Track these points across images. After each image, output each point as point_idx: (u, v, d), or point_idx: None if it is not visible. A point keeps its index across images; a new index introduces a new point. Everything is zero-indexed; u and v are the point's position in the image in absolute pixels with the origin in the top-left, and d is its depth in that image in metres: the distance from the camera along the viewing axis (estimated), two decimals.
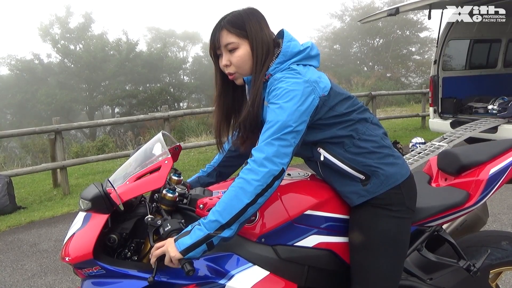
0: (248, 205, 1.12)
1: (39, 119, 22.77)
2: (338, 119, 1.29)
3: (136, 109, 24.81)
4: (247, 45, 1.29)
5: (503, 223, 3.52)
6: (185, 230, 1.16)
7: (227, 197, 1.14)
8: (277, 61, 1.29)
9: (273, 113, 1.18)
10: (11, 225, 4.43)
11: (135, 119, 7.22)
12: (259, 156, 1.14)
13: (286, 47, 1.29)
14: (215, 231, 1.12)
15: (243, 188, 1.12)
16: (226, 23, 1.29)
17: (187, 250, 1.12)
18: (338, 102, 1.29)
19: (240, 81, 1.35)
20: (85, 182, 6.28)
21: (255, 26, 1.29)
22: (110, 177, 1.34)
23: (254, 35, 1.28)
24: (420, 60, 28.57)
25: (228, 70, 1.32)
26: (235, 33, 1.28)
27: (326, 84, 1.27)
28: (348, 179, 1.32)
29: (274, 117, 1.17)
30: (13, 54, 26.72)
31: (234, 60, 1.30)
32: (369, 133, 1.33)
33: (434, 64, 6.58)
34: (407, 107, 14.12)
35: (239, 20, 1.28)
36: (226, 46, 1.29)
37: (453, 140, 5.47)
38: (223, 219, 1.12)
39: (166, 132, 1.50)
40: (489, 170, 1.53)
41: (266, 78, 1.29)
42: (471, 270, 1.49)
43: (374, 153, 1.31)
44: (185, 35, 33.57)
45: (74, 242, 1.27)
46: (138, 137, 13.28)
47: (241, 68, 1.30)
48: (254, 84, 1.29)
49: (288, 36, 1.33)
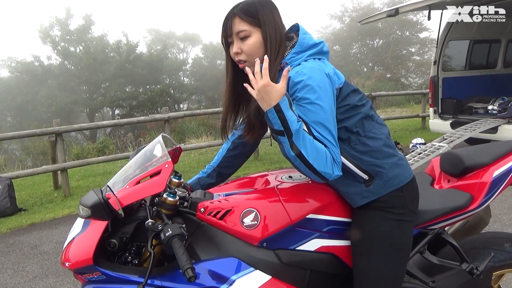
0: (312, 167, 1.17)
1: (39, 121, 22.76)
2: (350, 111, 1.30)
3: (137, 111, 24.81)
4: (259, 34, 1.28)
5: (504, 223, 3.52)
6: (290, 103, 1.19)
7: (319, 150, 1.18)
8: (294, 51, 1.29)
9: (312, 113, 1.20)
10: (12, 227, 4.42)
11: (136, 120, 7.21)
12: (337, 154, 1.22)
13: (303, 39, 1.30)
14: (298, 135, 1.16)
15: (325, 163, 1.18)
16: (238, 11, 1.28)
17: (279, 111, 1.15)
18: (350, 93, 1.31)
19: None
20: (86, 184, 6.28)
21: (268, 15, 1.29)
22: (109, 182, 1.33)
23: (267, 23, 1.28)
24: (420, 61, 28.56)
25: (239, 58, 1.31)
26: (247, 20, 1.27)
27: (341, 76, 1.31)
28: (351, 179, 1.31)
29: (315, 117, 1.20)
30: (14, 56, 26.83)
31: (245, 48, 1.29)
32: (375, 131, 1.33)
33: (434, 65, 6.58)
34: (407, 108, 14.11)
35: (252, 8, 1.28)
36: (237, 33, 1.28)
37: (454, 141, 5.46)
38: (306, 152, 1.16)
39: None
40: (492, 172, 1.52)
41: (282, 66, 1.29)
42: (474, 273, 1.48)
43: (380, 151, 1.30)
44: (185, 36, 33.58)
45: (74, 247, 1.26)
46: (139, 138, 13.28)
47: (252, 56, 1.29)
48: (269, 72, 1.27)
49: (303, 29, 1.34)
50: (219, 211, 1.29)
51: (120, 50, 25.75)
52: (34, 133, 5.79)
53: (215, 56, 32.30)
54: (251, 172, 5.10)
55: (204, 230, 1.31)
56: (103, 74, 24.72)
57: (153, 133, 11.81)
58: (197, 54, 33.83)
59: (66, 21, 26.20)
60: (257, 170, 6.05)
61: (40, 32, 25.80)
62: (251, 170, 6.07)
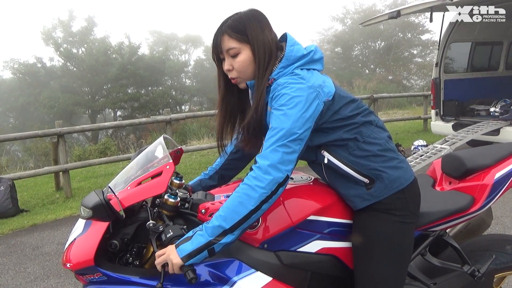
0: (252, 211, 1.12)
1: (41, 122, 22.81)
2: (343, 122, 1.28)
3: (138, 112, 24.82)
4: (249, 50, 1.28)
5: (506, 225, 3.50)
6: (187, 236, 1.16)
7: (231, 202, 1.13)
8: (281, 65, 1.28)
9: (278, 120, 1.17)
10: (14, 228, 4.43)
11: (137, 122, 7.23)
12: (264, 163, 1.13)
13: (290, 51, 1.28)
14: (216, 237, 1.12)
15: (248, 194, 1.12)
16: (227, 28, 1.28)
17: (189, 257, 1.12)
18: (343, 106, 1.28)
19: (243, 85, 1.34)
20: (88, 185, 6.29)
21: (256, 30, 1.28)
22: (110, 183, 1.33)
23: (256, 39, 1.27)
24: (421, 63, 28.50)
25: (231, 75, 1.32)
26: (236, 38, 1.27)
27: (331, 89, 1.26)
28: (352, 183, 1.31)
29: (278, 124, 1.17)
30: (16, 57, 26.80)
31: (236, 65, 1.29)
32: (374, 136, 1.32)
33: (436, 67, 6.57)
34: (409, 110, 14.08)
35: (240, 25, 1.27)
36: (227, 51, 1.29)
37: (455, 143, 5.45)
38: (227, 225, 1.11)
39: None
40: (494, 174, 1.52)
41: (270, 82, 1.28)
42: (476, 275, 1.47)
43: (379, 156, 1.30)
44: (187, 38, 33.62)
45: (75, 248, 1.26)
46: (140, 140, 13.27)
47: (243, 72, 1.30)
48: (257, 88, 1.28)
49: (291, 40, 1.32)
50: None
51: (122, 52, 25.80)
52: (36, 134, 5.80)
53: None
54: None
55: None
56: (105, 75, 24.75)
57: (155, 135, 11.82)
58: (199, 55, 33.85)
59: (68, 23, 26.27)
60: None
61: (42, 34, 25.87)
62: None
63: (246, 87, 1.35)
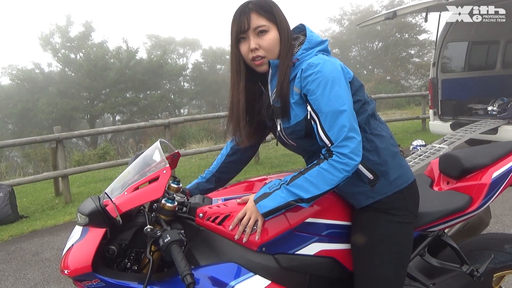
0: (329, 190, 1.21)
1: (40, 128, 22.76)
2: (361, 105, 1.31)
3: (137, 117, 24.84)
4: (276, 30, 1.29)
5: (505, 224, 3.50)
6: (264, 192, 1.25)
7: (315, 177, 1.20)
8: (304, 47, 1.30)
9: (330, 102, 1.20)
10: (14, 234, 4.42)
11: (136, 126, 7.22)
12: (344, 151, 1.19)
13: (310, 36, 1.32)
14: (293, 201, 1.21)
15: (333, 174, 1.19)
16: (255, 6, 1.28)
17: (269, 213, 1.22)
18: (359, 88, 1.33)
19: (264, 67, 1.31)
20: (87, 190, 6.28)
21: (280, 13, 1.31)
22: (107, 189, 1.33)
23: (281, 21, 1.30)
24: (419, 63, 28.52)
25: (257, 53, 1.28)
26: (265, 16, 1.28)
27: (350, 71, 1.32)
28: (356, 179, 1.31)
29: (334, 106, 1.19)
30: (14, 63, 26.91)
31: (264, 44, 1.27)
32: (380, 129, 1.35)
33: (433, 67, 6.59)
34: (407, 110, 14.12)
35: (267, 5, 1.30)
36: (255, 28, 1.27)
37: (454, 142, 5.45)
38: (306, 195, 1.20)
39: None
40: (491, 174, 1.52)
41: (294, 62, 1.29)
42: (475, 275, 1.47)
43: (385, 149, 1.31)
44: (185, 41, 33.68)
45: (73, 255, 1.26)
46: (139, 144, 13.28)
47: (271, 51, 1.29)
48: (282, 67, 1.28)
49: (309, 29, 1.37)
50: (217, 216, 1.29)
51: (120, 56, 25.80)
52: (35, 140, 5.80)
53: (215, 61, 32.36)
54: (252, 176, 5.10)
55: (203, 235, 1.31)
56: (103, 80, 24.75)
57: (153, 139, 11.81)
58: (197, 59, 33.91)
59: (66, 28, 26.29)
60: (258, 174, 6.04)
61: (40, 39, 25.91)
62: (252, 174, 6.07)
63: (266, 70, 1.32)
